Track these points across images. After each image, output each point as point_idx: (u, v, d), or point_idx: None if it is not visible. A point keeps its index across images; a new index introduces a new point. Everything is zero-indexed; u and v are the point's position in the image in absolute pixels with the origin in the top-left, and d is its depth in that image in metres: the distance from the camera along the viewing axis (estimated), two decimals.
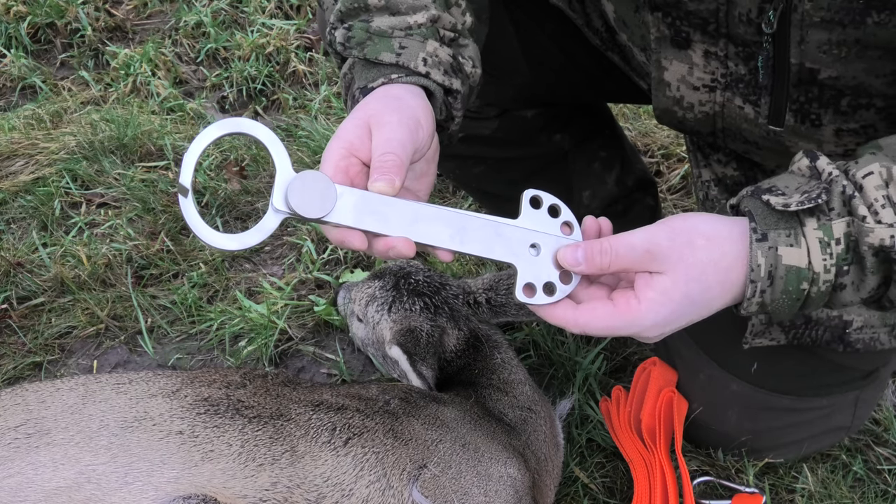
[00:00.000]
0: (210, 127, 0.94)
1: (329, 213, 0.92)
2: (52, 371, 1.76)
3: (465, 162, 1.65)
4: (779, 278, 0.88)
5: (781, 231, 0.88)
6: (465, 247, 0.95)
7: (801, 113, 1.11)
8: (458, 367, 1.50)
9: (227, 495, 1.14)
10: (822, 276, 0.88)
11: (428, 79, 1.08)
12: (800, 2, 0.98)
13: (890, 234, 0.85)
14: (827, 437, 1.54)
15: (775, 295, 0.89)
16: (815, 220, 0.88)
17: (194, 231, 0.92)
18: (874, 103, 1.06)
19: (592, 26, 1.42)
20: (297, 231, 2.06)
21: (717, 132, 1.25)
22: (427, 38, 1.09)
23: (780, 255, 0.88)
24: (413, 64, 1.07)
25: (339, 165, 0.97)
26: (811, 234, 0.88)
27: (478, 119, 1.56)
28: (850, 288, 0.89)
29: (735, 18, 1.06)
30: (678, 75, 1.19)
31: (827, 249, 0.87)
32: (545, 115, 1.64)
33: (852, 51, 1.00)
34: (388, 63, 1.07)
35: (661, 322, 0.91)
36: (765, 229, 0.88)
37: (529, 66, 1.51)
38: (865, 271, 0.88)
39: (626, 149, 1.82)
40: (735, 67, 1.13)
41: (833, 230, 0.87)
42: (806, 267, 0.88)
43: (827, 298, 0.91)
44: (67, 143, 2.25)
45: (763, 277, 0.88)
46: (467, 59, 1.14)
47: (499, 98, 1.55)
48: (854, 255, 0.88)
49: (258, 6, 2.73)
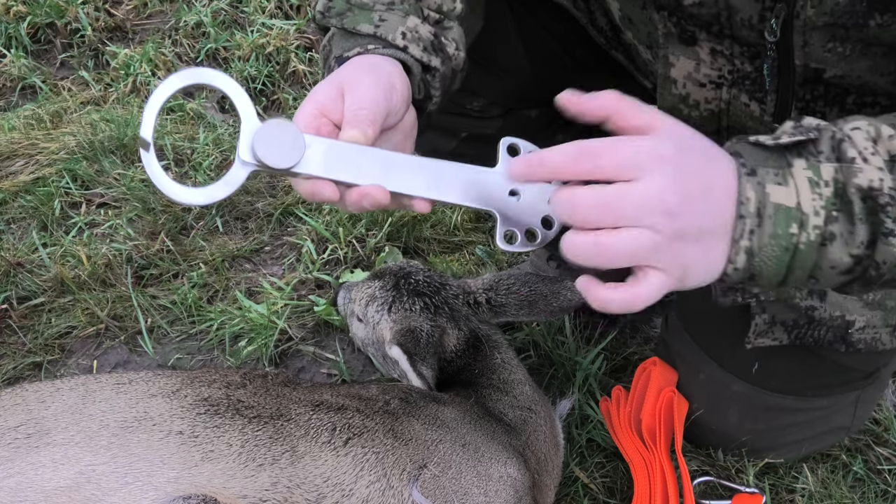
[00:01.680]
0: (170, 77, 0.90)
1: (298, 162, 0.89)
2: (52, 371, 1.76)
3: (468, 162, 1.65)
4: (767, 217, 0.83)
5: (770, 169, 0.84)
6: (442, 195, 0.92)
7: (806, 111, 1.11)
8: (458, 367, 1.50)
9: (227, 495, 1.14)
10: (811, 218, 0.83)
11: (405, 52, 1.06)
12: (802, 8, 0.98)
13: (879, 175, 0.82)
14: (827, 437, 1.54)
15: (763, 239, 0.83)
16: (803, 161, 0.85)
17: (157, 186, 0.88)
18: (879, 101, 1.06)
19: (597, 25, 1.42)
20: (297, 231, 2.06)
21: (721, 130, 1.25)
22: (409, 13, 1.08)
23: (769, 193, 0.83)
24: (391, 36, 1.06)
25: (311, 125, 0.95)
26: (800, 174, 0.84)
27: (481, 118, 1.56)
28: (839, 240, 0.84)
29: (738, 23, 1.06)
30: (685, 72, 1.19)
31: (816, 189, 0.83)
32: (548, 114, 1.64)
33: (857, 49, 1.00)
34: (365, 34, 1.06)
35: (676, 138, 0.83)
36: (753, 165, 0.84)
37: (533, 66, 1.51)
38: (854, 219, 0.84)
39: None
40: (741, 65, 1.13)
41: (822, 171, 0.84)
42: (795, 206, 0.83)
43: (816, 256, 0.85)
44: (67, 143, 2.25)
45: (752, 213, 0.82)
46: (450, 41, 1.12)
47: (502, 97, 1.54)
48: (842, 201, 0.84)
49: (258, 6, 2.73)
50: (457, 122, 1.54)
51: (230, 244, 2.02)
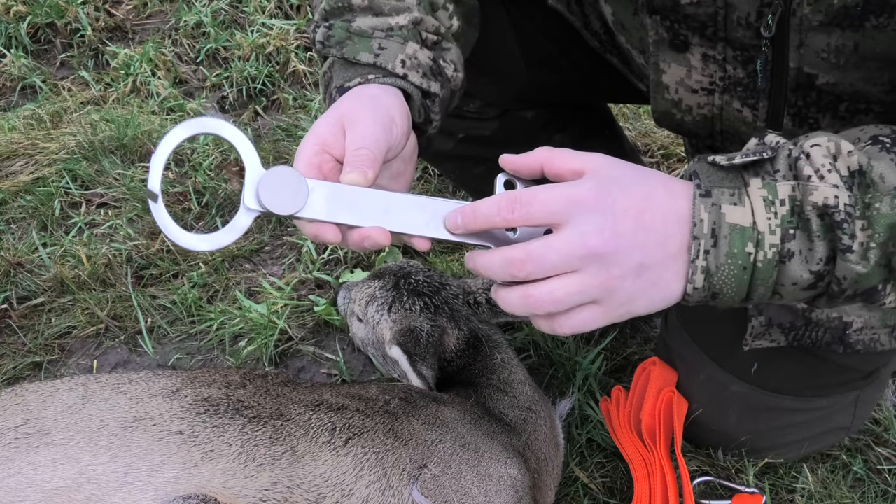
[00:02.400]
0: (174, 129, 0.92)
1: (301, 208, 0.91)
2: (52, 371, 1.76)
3: (466, 163, 1.65)
4: (723, 237, 0.84)
5: (725, 189, 0.85)
6: (441, 233, 0.94)
7: (798, 117, 1.11)
8: (458, 367, 1.50)
9: (227, 495, 1.14)
10: (767, 237, 0.84)
11: (405, 80, 1.08)
12: (798, 6, 0.98)
13: (834, 193, 0.83)
14: (827, 438, 1.54)
15: (720, 259, 0.84)
16: (759, 180, 0.86)
17: (167, 234, 0.92)
18: (872, 108, 1.06)
19: (591, 28, 1.42)
20: (297, 231, 2.06)
21: (715, 135, 1.25)
22: (407, 40, 1.09)
23: (724, 213, 0.84)
24: (391, 65, 1.07)
25: (312, 161, 0.96)
26: (755, 193, 0.85)
27: (478, 120, 1.56)
28: (798, 258, 0.85)
29: (733, 22, 1.06)
30: (676, 78, 1.19)
31: (771, 208, 0.85)
32: (545, 115, 1.64)
33: (850, 60, 1.00)
34: (365, 63, 1.07)
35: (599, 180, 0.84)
36: (709, 186, 0.86)
37: (529, 68, 1.51)
38: (812, 237, 0.85)
39: (625, 149, 1.82)
40: (733, 71, 1.13)
41: (778, 190, 0.85)
42: (750, 226, 0.84)
43: (776, 273, 0.86)
44: (67, 143, 2.25)
45: (706, 234, 0.84)
46: (449, 63, 1.14)
47: (499, 99, 1.55)
48: (799, 218, 0.85)
49: (258, 6, 2.73)
50: (454, 123, 1.54)
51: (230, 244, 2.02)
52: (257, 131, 2.40)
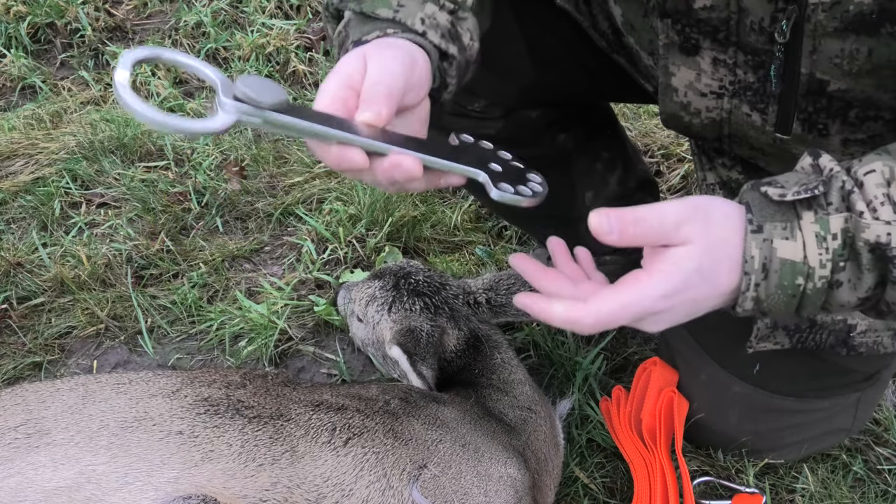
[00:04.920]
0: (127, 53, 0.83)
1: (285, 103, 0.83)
2: (52, 371, 1.76)
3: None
4: (773, 272, 0.87)
5: (777, 223, 0.87)
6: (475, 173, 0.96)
7: (808, 122, 1.11)
8: (458, 367, 1.50)
9: (227, 495, 1.14)
10: (817, 271, 0.87)
11: (424, 38, 1.05)
12: (813, 12, 0.97)
13: (887, 230, 0.84)
14: (827, 439, 1.54)
15: (770, 290, 0.88)
16: (812, 214, 0.87)
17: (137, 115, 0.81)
18: (882, 115, 1.06)
19: (599, 28, 1.41)
20: (297, 231, 2.06)
21: (723, 138, 1.24)
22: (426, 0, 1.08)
23: (776, 248, 0.86)
24: (410, 21, 1.05)
25: (338, 95, 0.93)
26: (807, 228, 0.87)
27: (483, 119, 1.55)
28: (847, 286, 0.88)
29: (746, 27, 1.05)
30: (686, 81, 1.18)
31: (823, 244, 0.86)
32: (550, 114, 1.63)
33: (864, 67, 0.99)
34: (384, 18, 1.05)
35: (671, 292, 0.86)
36: (761, 221, 0.87)
37: (535, 66, 1.50)
38: (862, 268, 0.86)
39: (628, 149, 1.82)
40: (743, 75, 1.12)
41: (830, 224, 0.86)
42: (801, 261, 0.86)
43: (824, 297, 0.89)
44: (67, 143, 2.25)
45: (757, 270, 0.87)
46: (465, 31, 1.11)
47: (504, 98, 1.54)
48: (850, 251, 0.86)
49: (258, 6, 2.73)
50: (458, 123, 1.54)
51: (230, 244, 2.02)
52: (257, 131, 2.40)
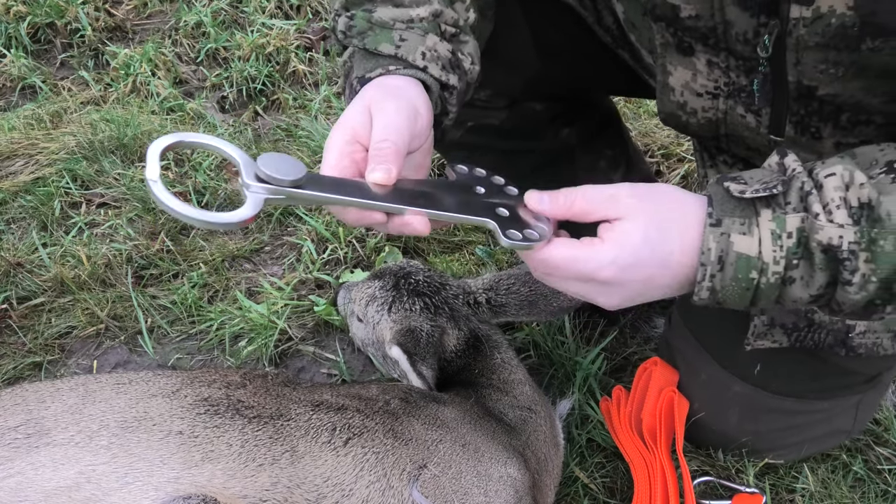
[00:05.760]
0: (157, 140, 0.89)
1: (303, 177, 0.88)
2: (52, 371, 1.76)
3: (473, 152, 1.65)
4: (729, 264, 0.90)
5: (736, 219, 0.90)
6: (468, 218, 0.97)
7: (801, 125, 1.12)
8: (458, 367, 1.50)
9: (228, 495, 1.14)
10: (771, 266, 0.90)
11: (425, 73, 1.08)
12: (794, 27, 0.98)
13: (839, 233, 0.86)
14: (828, 440, 1.54)
15: (725, 281, 0.91)
16: (770, 212, 0.90)
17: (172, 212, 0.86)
18: (874, 120, 1.07)
19: (603, 24, 1.42)
20: (297, 231, 2.06)
21: (720, 137, 1.25)
22: (428, 32, 1.10)
23: (732, 242, 0.90)
24: (412, 57, 1.08)
25: (344, 151, 0.97)
26: (764, 225, 0.90)
27: (487, 109, 1.55)
28: (800, 283, 0.91)
29: (733, 37, 1.06)
30: (682, 81, 1.19)
31: (777, 241, 0.89)
32: (554, 108, 1.64)
33: (850, 70, 1.00)
34: (386, 54, 1.08)
35: (619, 260, 0.91)
36: (720, 215, 0.90)
37: (541, 59, 1.51)
38: (814, 267, 0.89)
39: (631, 149, 1.82)
40: (736, 78, 1.13)
41: (787, 223, 0.89)
42: (756, 256, 0.90)
43: (777, 292, 0.92)
44: (67, 143, 2.25)
45: (713, 262, 0.90)
46: (466, 56, 1.14)
47: (509, 88, 1.54)
48: (804, 250, 0.89)
49: (258, 6, 2.73)
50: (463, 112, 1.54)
51: (230, 244, 2.02)
52: (257, 131, 2.40)
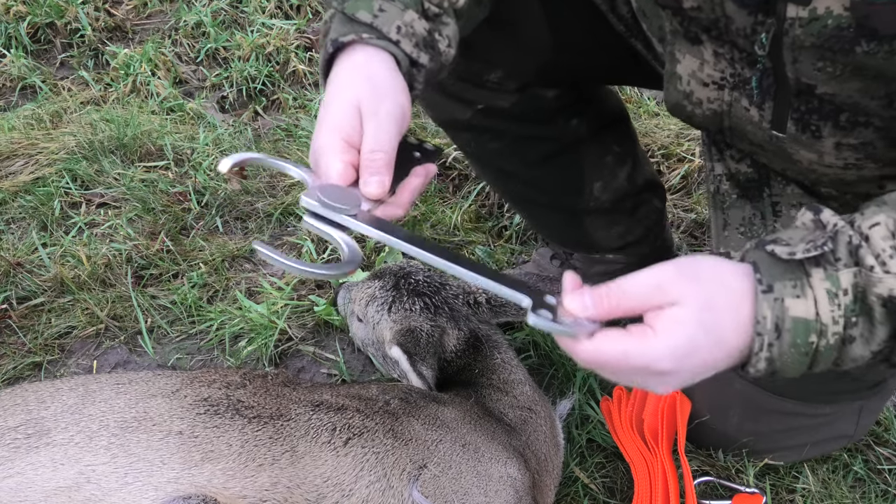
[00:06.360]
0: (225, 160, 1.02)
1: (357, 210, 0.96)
2: (52, 371, 1.76)
3: (482, 136, 1.64)
4: (786, 331, 0.85)
5: (787, 282, 0.85)
6: None
7: (801, 122, 1.12)
8: (458, 367, 1.50)
9: (227, 495, 1.14)
10: (830, 327, 0.86)
11: (397, 46, 1.09)
12: (790, 27, 0.98)
13: None
14: (829, 444, 1.54)
15: (783, 349, 0.86)
16: (821, 271, 0.86)
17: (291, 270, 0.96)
18: (872, 122, 1.06)
19: (617, 13, 1.42)
20: (297, 231, 2.06)
21: (724, 130, 1.25)
22: (408, 7, 1.10)
23: (787, 307, 0.85)
24: (386, 29, 1.08)
25: (345, 160, 0.99)
26: (818, 285, 0.85)
27: (498, 91, 1.55)
28: (860, 341, 0.87)
29: (733, 31, 1.07)
30: (690, 69, 1.19)
31: (835, 300, 0.85)
32: (565, 97, 1.63)
33: (847, 70, 1.00)
34: (362, 22, 1.08)
35: (676, 351, 0.86)
36: (770, 280, 0.86)
37: (554, 43, 1.50)
38: (874, 322, 0.86)
39: (638, 150, 1.81)
40: (741, 70, 1.13)
41: (840, 280, 0.85)
42: (814, 319, 0.85)
43: (836, 353, 0.88)
44: (67, 143, 2.25)
45: (770, 330, 0.85)
46: (444, 38, 1.15)
47: (521, 72, 1.53)
48: (862, 305, 0.85)
49: (258, 6, 2.73)
50: (473, 92, 1.54)
51: (230, 244, 2.02)
52: (257, 131, 2.40)
